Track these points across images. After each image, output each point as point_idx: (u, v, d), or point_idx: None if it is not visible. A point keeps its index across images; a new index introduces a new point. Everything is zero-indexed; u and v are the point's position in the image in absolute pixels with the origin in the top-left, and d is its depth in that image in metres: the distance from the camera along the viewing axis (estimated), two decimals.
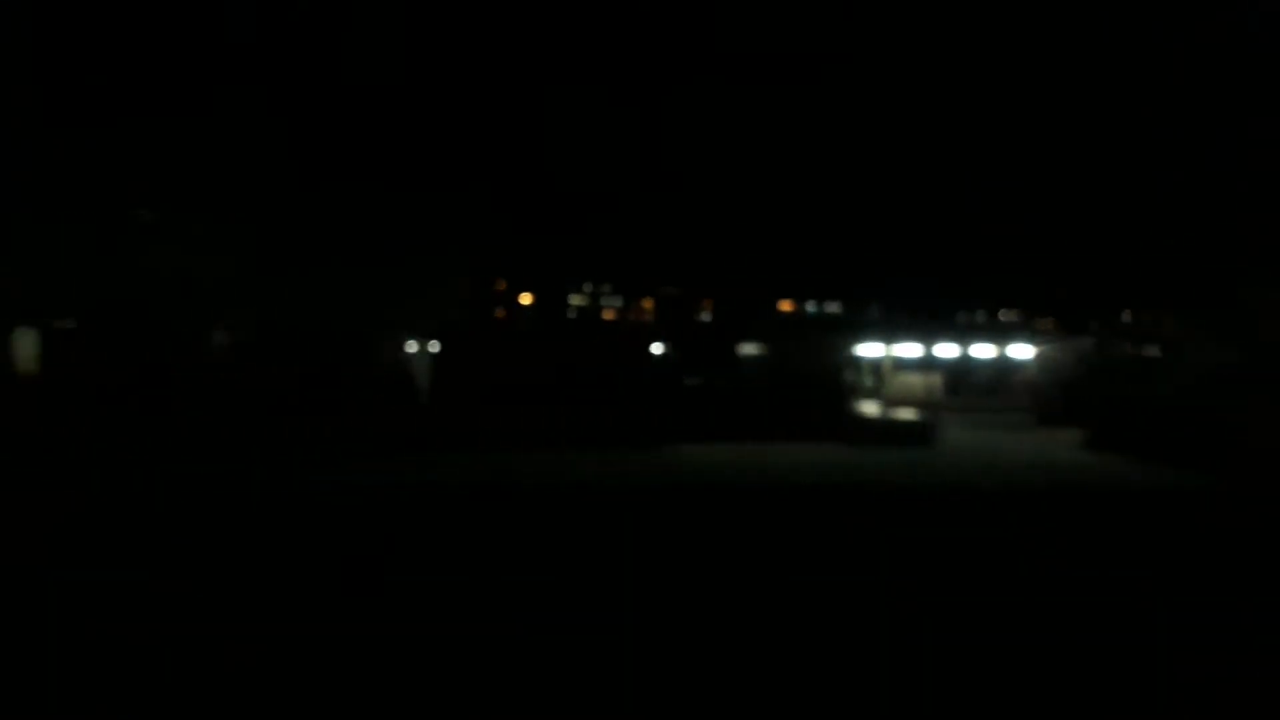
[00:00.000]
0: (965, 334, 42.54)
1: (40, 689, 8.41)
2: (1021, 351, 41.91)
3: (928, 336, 41.50)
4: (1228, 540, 15.12)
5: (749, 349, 35.50)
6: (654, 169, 33.92)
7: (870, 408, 35.91)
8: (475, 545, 14.05)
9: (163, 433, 24.18)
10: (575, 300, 37.32)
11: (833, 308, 40.54)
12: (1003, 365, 42.49)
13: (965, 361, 42.43)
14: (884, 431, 30.02)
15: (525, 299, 36.03)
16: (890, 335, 41.02)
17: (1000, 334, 42.83)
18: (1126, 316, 41.34)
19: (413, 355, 32.00)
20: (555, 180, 32.96)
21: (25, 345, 28.20)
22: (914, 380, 41.68)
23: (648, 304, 37.63)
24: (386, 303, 30.49)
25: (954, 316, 42.97)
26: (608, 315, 37.47)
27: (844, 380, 36.75)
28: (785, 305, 38.95)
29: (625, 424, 28.02)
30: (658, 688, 8.85)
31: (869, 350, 41.21)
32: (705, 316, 37.27)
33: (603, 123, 32.78)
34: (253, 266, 29.02)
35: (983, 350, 42.33)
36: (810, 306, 39.82)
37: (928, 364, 41.95)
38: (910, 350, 41.68)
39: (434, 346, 31.69)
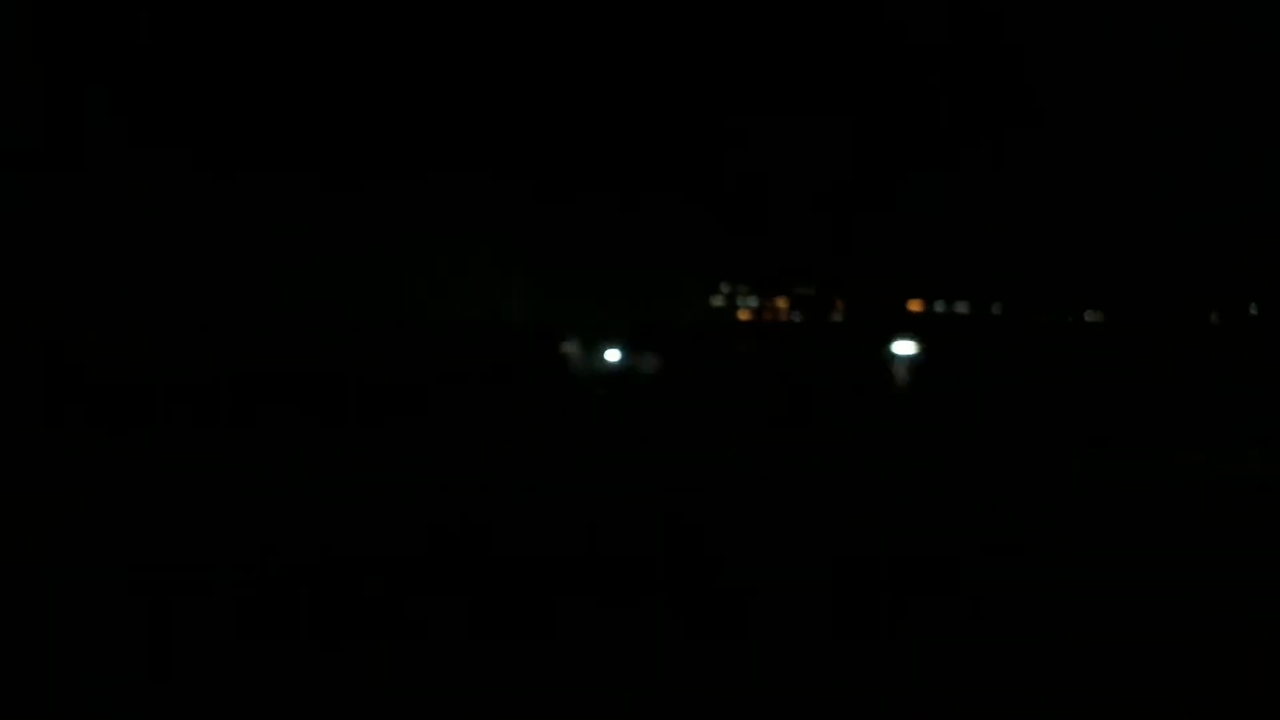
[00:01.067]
0: None
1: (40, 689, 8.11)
2: None
3: None
4: None
5: None
6: (791, 163, 32.78)
7: None
8: None
9: None
10: (713, 301, 36.47)
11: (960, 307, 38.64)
12: None
13: None
14: None
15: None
16: None
17: None
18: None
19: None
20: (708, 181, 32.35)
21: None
22: None
23: (782, 303, 36.43)
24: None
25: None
26: (744, 315, 36.40)
27: None
28: (914, 305, 37.29)
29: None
30: None
31: None
32: (838, 316, 36.00)
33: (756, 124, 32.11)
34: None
35: None
36: (939, 306, 38.11)
37: None
38: None
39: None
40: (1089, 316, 40.87)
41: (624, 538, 13.49)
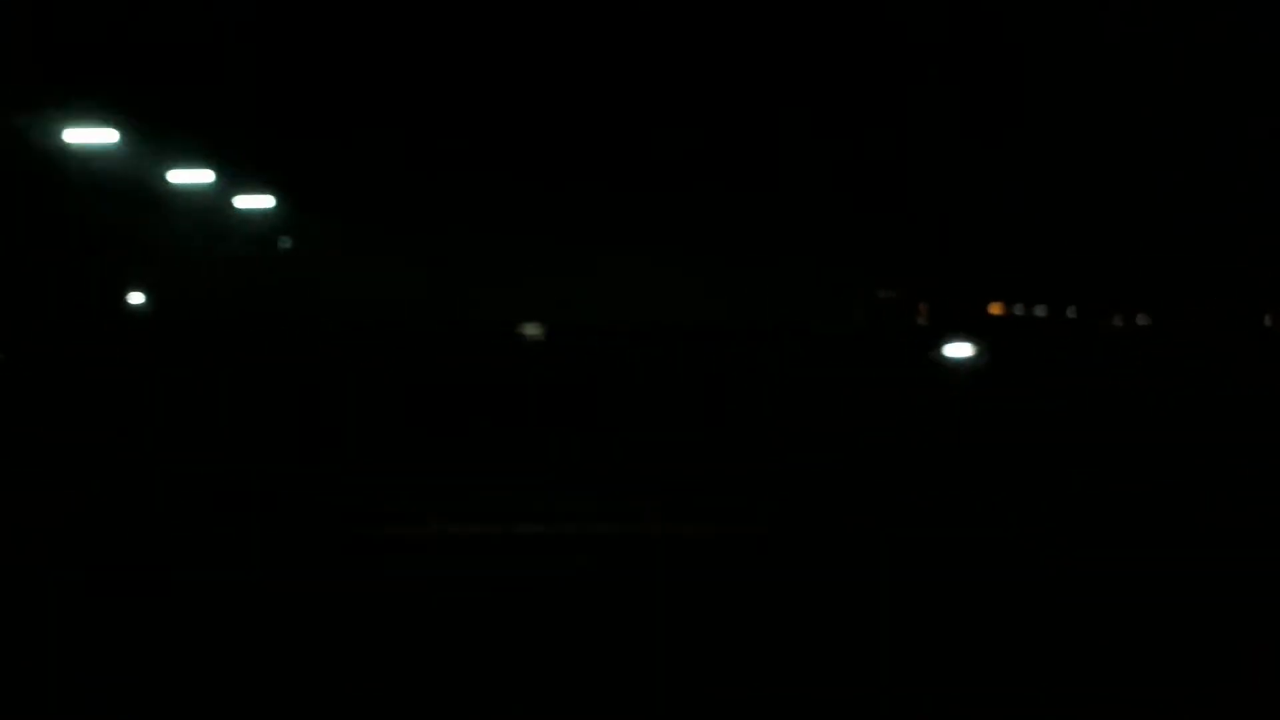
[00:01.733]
0: None
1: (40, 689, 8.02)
2: None
3: None
4: None
5: None
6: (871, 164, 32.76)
7: None
8: None
9: None
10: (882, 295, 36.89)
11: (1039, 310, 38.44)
12: None
13: None
14: None
15: None
16: None
17: None
18: None
19: None
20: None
21: None
22: None
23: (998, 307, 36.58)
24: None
25: None
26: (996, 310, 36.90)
27: None
28: (995, 308, 37.12)
29: None
30: None
31: None
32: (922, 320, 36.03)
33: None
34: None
35: None
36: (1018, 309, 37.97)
37: None
38: None
39: None
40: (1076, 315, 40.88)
41: None
